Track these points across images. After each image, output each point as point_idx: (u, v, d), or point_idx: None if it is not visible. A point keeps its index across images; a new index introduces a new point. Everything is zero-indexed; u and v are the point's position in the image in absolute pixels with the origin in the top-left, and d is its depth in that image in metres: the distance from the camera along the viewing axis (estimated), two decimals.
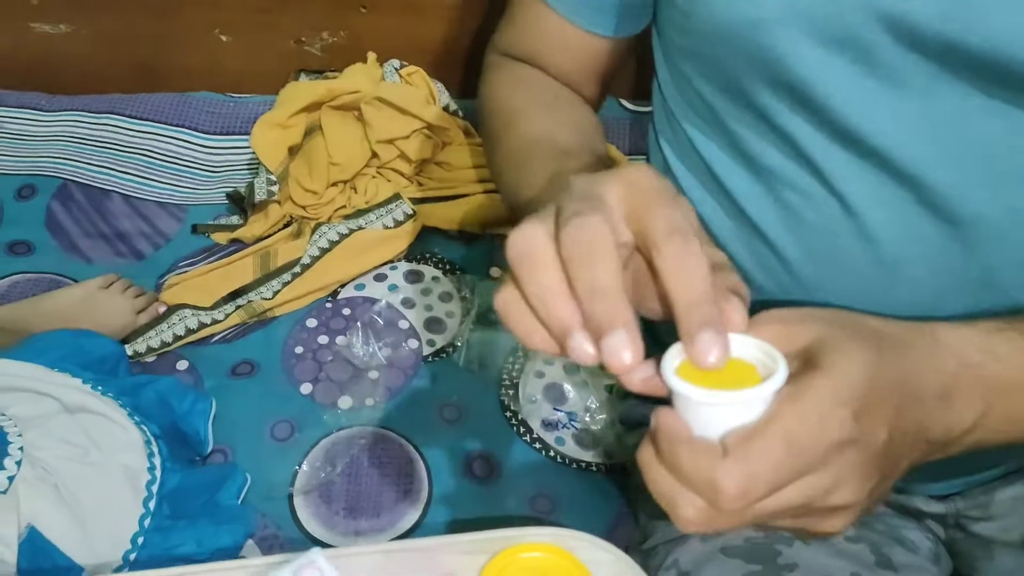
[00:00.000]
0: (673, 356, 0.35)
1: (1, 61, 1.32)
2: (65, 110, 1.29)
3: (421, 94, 1.26)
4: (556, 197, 0.38)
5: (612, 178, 0.38)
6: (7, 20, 1.29)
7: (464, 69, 1.30)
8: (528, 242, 0.36)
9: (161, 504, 0.76)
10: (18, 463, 0.69)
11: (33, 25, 1.30)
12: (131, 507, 0.74)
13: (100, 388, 0.81)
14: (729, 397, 0.34)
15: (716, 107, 0.59)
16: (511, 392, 1.00)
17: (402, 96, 1.21)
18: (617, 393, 0.95)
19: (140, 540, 0.73)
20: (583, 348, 0.34)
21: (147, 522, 0.74)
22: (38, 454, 0.71)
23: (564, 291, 0.35)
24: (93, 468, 0.73)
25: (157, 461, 0.78)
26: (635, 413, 0.81)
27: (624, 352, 0.33)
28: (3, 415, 0.73)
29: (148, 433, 0.80)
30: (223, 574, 0.43)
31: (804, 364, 0.37)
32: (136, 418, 0.80)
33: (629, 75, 1.33)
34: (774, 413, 0.34)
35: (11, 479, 0.68)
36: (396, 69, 1.28)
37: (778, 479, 0.34)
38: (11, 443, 0.70)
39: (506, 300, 0.37)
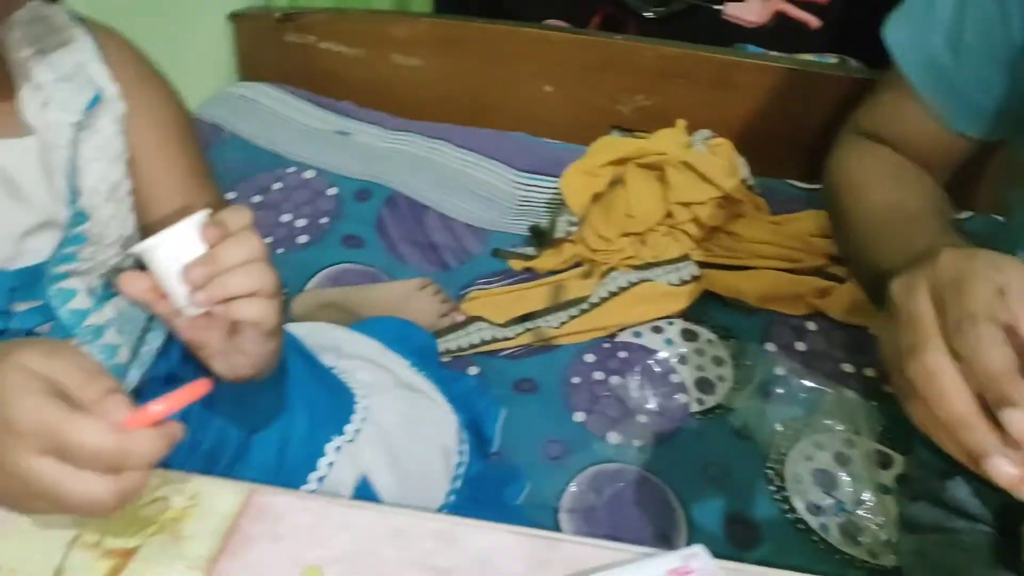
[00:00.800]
0: None
1: (361, 84, 1.53)
2: (403, 131, 1.46)
3: (724, 164, 1.31)
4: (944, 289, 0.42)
5: (998, 271, 0.42)
6: (375, 50, 1.50)
7: (768, 147, 1.34)
8: (938, 379, 0.40)
9: (463, 486, 0.84)
10: (363, 419, 0.79)
11: (392, 56, 1.49)
12: (441, 481, 0.82)
13: (424, 373, 0.91)
14: None
15: None
16: (777, 467, 1.01)
17: (706, 164, 1.27)
18: (901, 494, 0.93)
19: (443, 513, 0.82)
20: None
21: (451, 499, 0.82)
22: (377, 416, 0.81)
23: (976, 413, 0.39)
24: (419, 440, 0.82)
25: (466, 448, 0.87)
26: (924, 517, 0.79)
27: None
28: (352, 378, 0.84)
29: (460, 421, 0.89)
30: (599, 551, 0.48)
31: None
32: (453, 405, 0.89)
33: None
34: None
35: (357, 432, 0.78)
36: (705, 139, 1.34)
37: None
38: (356, 403, 0.81)
39: (924, 418, 0.41)
